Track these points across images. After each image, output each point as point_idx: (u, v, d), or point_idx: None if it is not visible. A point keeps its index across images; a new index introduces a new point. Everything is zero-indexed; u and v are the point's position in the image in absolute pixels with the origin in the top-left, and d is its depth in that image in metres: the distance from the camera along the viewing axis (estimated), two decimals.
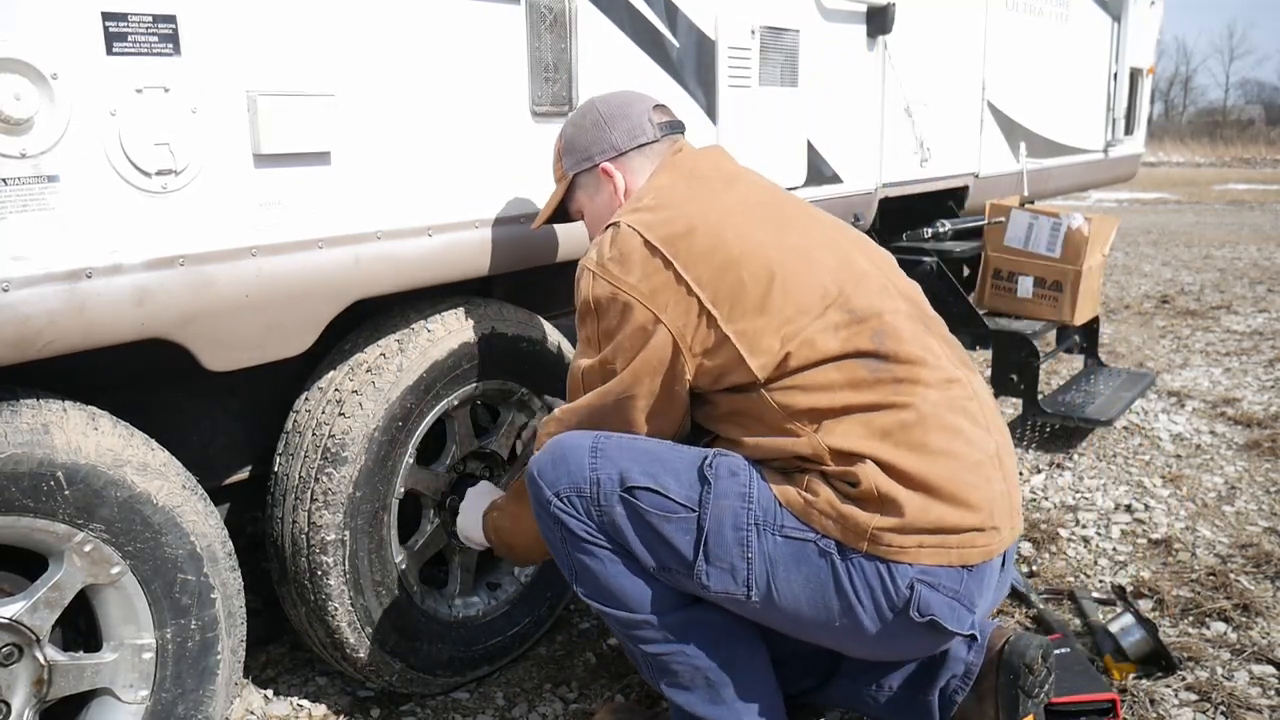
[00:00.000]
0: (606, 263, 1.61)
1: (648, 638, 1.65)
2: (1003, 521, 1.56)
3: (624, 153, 1.81)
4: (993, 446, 1.60)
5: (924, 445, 1.51)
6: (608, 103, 1.85)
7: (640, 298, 1.58)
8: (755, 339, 1.54)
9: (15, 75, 1.34)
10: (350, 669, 2.03)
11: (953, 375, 1.60)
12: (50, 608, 1.56)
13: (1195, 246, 9.28)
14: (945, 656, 1.76)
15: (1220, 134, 33.43)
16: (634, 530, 1.58)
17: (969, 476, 1.53)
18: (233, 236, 1.61)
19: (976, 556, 1.53)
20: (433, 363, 1.97)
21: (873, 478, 1.49)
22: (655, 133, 1.82)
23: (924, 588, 1.51)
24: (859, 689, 1.85)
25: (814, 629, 1.59)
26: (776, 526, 1.54)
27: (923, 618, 1.51)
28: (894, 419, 1.52)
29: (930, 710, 1.77)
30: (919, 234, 3.75)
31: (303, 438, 1.90)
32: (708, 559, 1.55)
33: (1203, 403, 4.19)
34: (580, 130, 1.85)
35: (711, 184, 1.72)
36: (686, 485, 1.57)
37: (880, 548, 1.50)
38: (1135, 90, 4.99)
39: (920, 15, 3.28)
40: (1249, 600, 2.46)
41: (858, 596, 1.52)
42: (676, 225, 1.60)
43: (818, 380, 1.53)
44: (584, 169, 1.84)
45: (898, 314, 1.59)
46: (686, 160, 1.78)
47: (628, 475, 1.58)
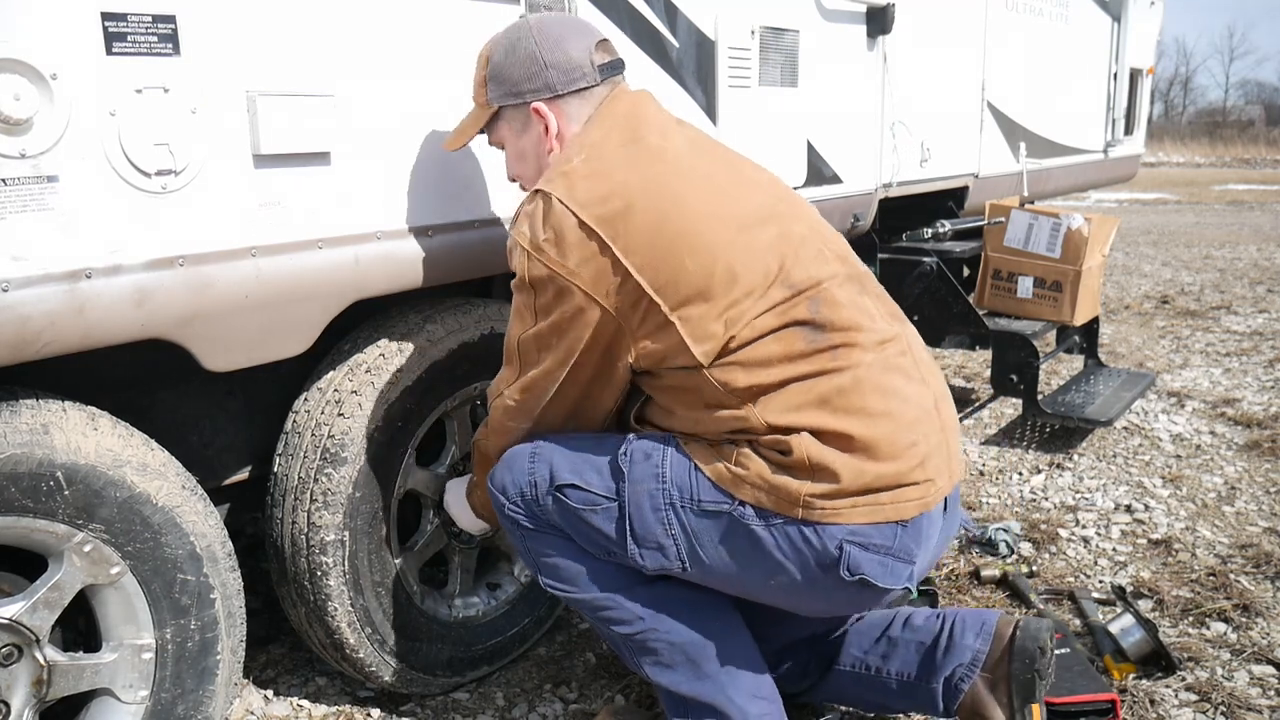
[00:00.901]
0: (542, 244, 1.55)
1: (617, 618, 1.70)
2: (938, 472, 1.58)
3: (560, 95, 1.68)
4: (930, 399, 1.62)
5: (860, 409, 1.53)
6: (546, 33, 1.69)
7: (580, 283, 1.55)
8: (699, 324, 1.53)
9: (15, 75, 1.34)
10: (350, 669, 2.03)
11: (886, 334, 1.61)
12: (50, 608, 1.56)
13: (1195, 246, 9.28)
14: (951, 644, 1.77)
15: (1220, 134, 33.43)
16: (568, 524, 1.67)
17: (906, 435, 1.55)
18: (232, 237, 1.61)
19: (912, 510, 1.55)
20: (432, 363, 1.97)
21: (805, 447, 1.51)
22: (595, 75, 1.69)
23: (853, 547, 1.53)
24: (860, 679, 1.86)
25: (755, 589, 1.64)
26: (694, 502, 1.59)
27: (853, 577, 1.54)
28: (830, 385, 1.53)
29: (935, 699, 1.78)
30: (919, 234, 3.75)
31: (302, 438, 1.90)
32: (637, 542, 1.62)
33: (1203, 403, 4.19)
34: (513, 59, 1.69)
35: (648, 139, 1.63)
36: (606, 477, 1.64)
37: (813, 512, 1.52)
38: (1135, 90, 4.99)
39: (920, 15, 3.28)
40: (1249, 600, 2.46)
41: (785, 557, 1.56)
42: (614, 202, 1.54)
43: (757, 356, 1.53)
44: (511, 103, 1.72)
45: (834, 279, 1.60)
46: (622, 108, 1.68)
47: (557, 474, 1.66)
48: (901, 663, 1.82)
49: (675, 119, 1.74)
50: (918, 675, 1.80)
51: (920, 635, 1.82)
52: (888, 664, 1.83)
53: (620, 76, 1.74)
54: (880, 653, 1.84)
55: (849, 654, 1.87)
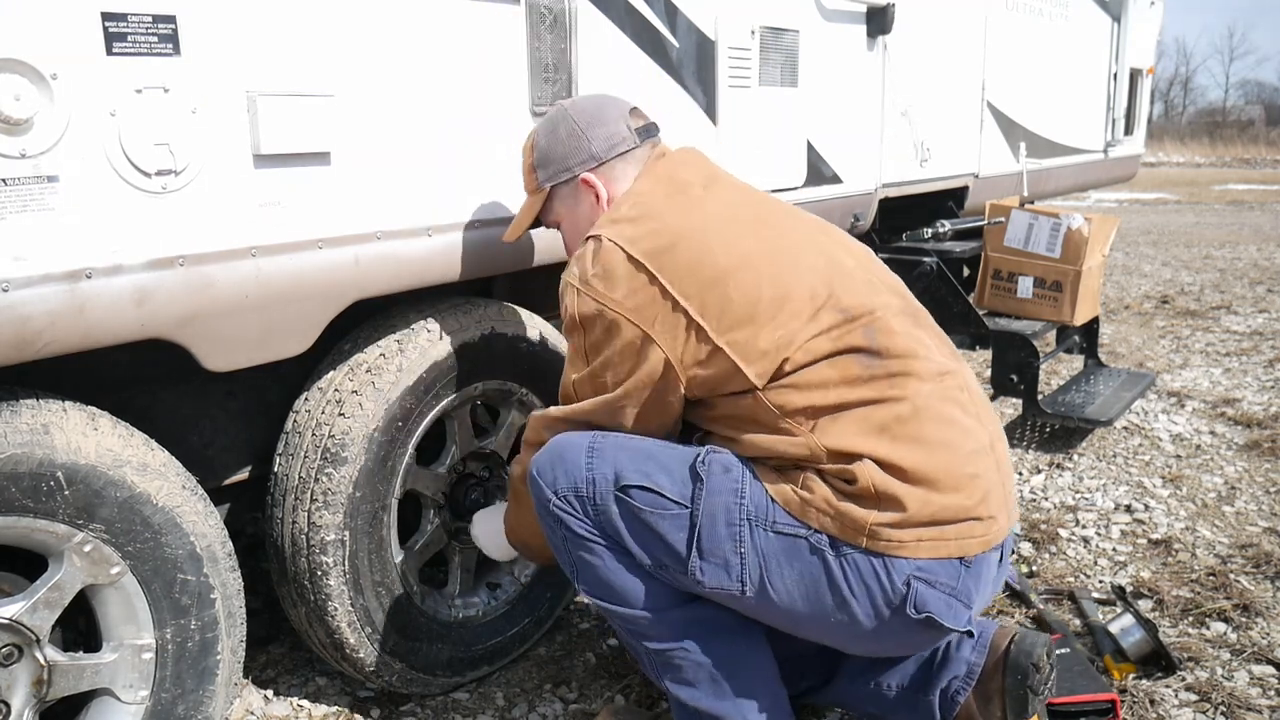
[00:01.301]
0: (591, 279, 1.59)
1: (649, 634, 1.66)
2: (999, 511, 1.57)
3: (604, 162, 1.75)
4: (986, 437, 1.60)
5: (920, 438, 1.52)
6: (581, 110, 1.79)
7: (627, 314, 1.56)
8: (748, 347, 1.53)
9: (15, 75, 1.34)
10: (350, 669, 2.03)
11: (945, 367, 1.61)
12: (50, 608, 1.56)
13: (1195, 246, 9.28)
14: (947, 657, 1.76)
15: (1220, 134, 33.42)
16: (629, 528, 1.60)
17: (966, 467, 1.53)
18: (232, 237, 1.61)
19: (976, 547, 1.53)
20: (432, 363, 1.97)
21: (870, 475, 1.49)
22: (635, 139, 1.77)
23: (920, 584, 1.51)
24: (860, 689, 1.85)
25: (809, 624, 1.60)
26: (769, 522, 1.55)
27: (919, 614, 1.52)
28: (889, 413, 1.52)
29: (932, 711, 1.77)
30: (919, 234, 3.75)
31: (302, 438, 1.90)
32: (701, 554, 1.56)
33: (1203, 403, 4.19)
34: (555, 140, 1.78)
35: (691, 189, 1.68)
36: (680, 482, 1.58)
37: (879, 543, 1.50)
38: (1135, 90, 4.99)
39: (920, 15, 3.28)
40: (1249, 600, 2.46)
41: (852, 592, 1.53)
42: (660, 239, 1.58)
43: (812, 379, 1.53)
44: (562, 180, 1.78)
45: (888, 309, 1.60)
46: (665, 165, 1.74)
47: (622, 474, 1.59)
48: (900, 674, 1.81)
49: (722, 171, 1.78)
50: (915, 687, 1.79)
51: None
52: (887, 676, 1.82)
53: (658, 137, 1.81)
54: (881, 663, 1.83)
55: (848, 664, 1.86)
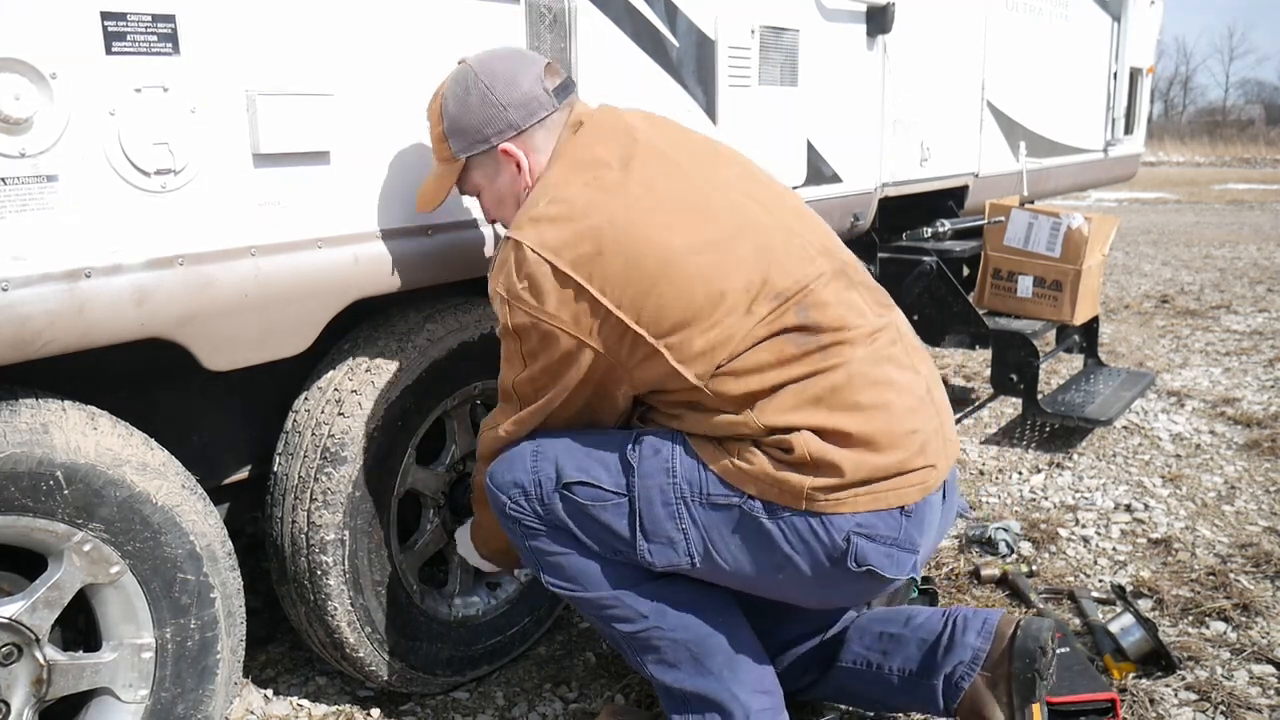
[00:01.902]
0: (520, 293, 1.56)
1: (620, 616, 1.69)
2: (937, 457, 1.61)
3: (523, 130, 1.68)
4: (922, 386, 1.64)
5: (856, 404, 1.54)
6: (492, 72, 1.68)
7: (563, 326, 1.55)
8: (685, 349, 1.54)
9: (15, 75, 1.34)
10: (350, 669, 2.03)
11: (876, 325, 1.62)
12: (50, 607, 1.56)
13: (1195, 246, 9.28)
14: (952, 642, 1.77)
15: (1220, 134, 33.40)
16: (575, 522, 1.66)
17: (903, 424, 1.57)
18: (232, 236, 1.61)
19: (915, 495, 1.57)
20: (432, 363, 1.97)
21: (805, 444, 1.52)
22: (553, 101, 1.69)
23: (860, 539, 1.55)
24: (862, 676, 1.86)
25: (761, 585, 1.65)
26: (703, 495, 1.60)
27: (860, 568, 1.55)
28: (824, 384, 1.54)
29: (935, 696, 1.78)
30: (919, 234, 3.75)
31: (302, 437, 1.90)
32: (647, 537, 1.62)
33: (1202, 402, 4.19)
34: (466, 108, 1.68)
35: (609, 174, 1.60)
36: (614, 472, 1.63)
37: (817, 504, 1.54)
38: (1135, 90, 4.98)
39: (920, 15, 3.28)
40: (1249, 600, 2.46)
41: (795, 550, 1.57)
42: (584, 244, 1.53)
43: (748, 364, 1.54)
44: (478, 151, 1.71)
45: (820, 278, 1.59)
46: (580, 143, 1.65)
47: (563, 471, 1.65)
48: (903, 659, 1.82)
49: (641, 126, 1.70)
50: (919, 672, 1.81)
51: (922, 632, 1.82)
52: (889, 660, 1.84)
53: (574, 95, 1.76)
54: (881, 649, 1.85)
55: (850, 650, 1.87)
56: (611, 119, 1.70)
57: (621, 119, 1.71)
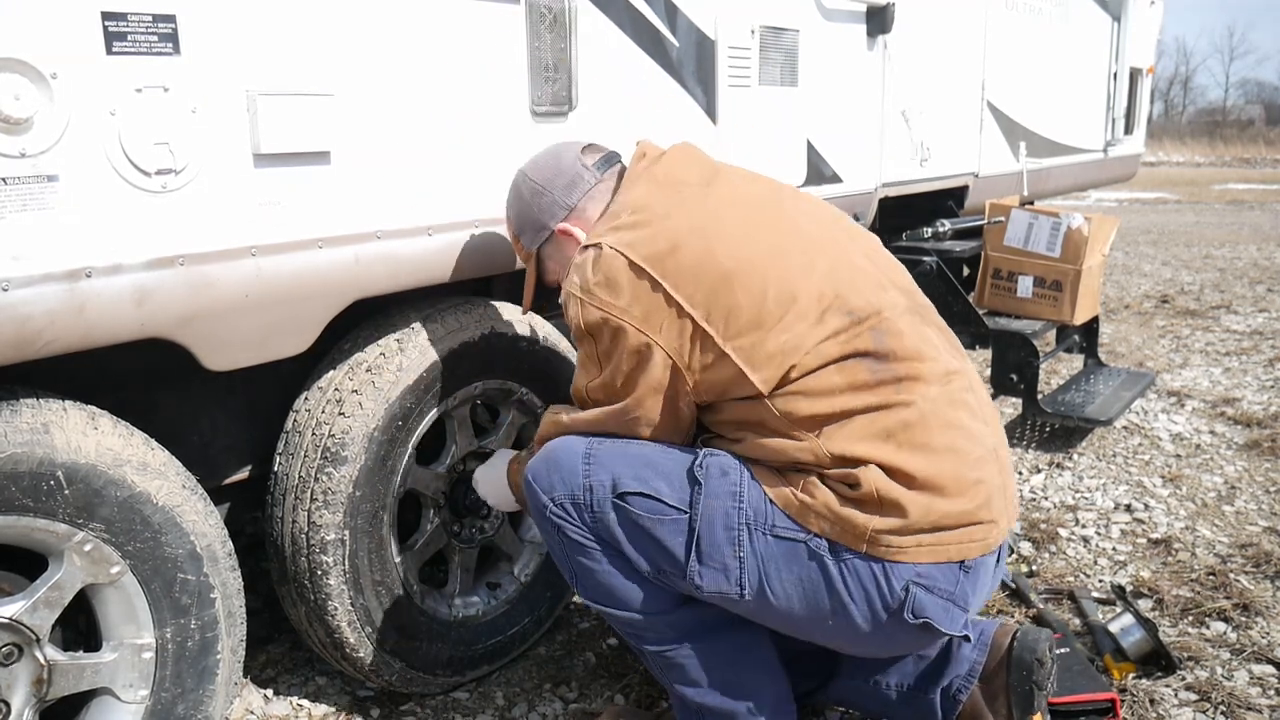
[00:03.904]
0: (593, 288, 1.57)
1: (650, 637, 1.66)
2: (1000, 515, 1.57)
3: (574, 208, 1.75)
4: (991, 440, 1.60)
5: (926, 445, 1.51)
6: (536, 167, 1.80)
7: (633, 322, 1.55)
8: (754, 352, 1.52)
9: (15, 75, 1.34)
10: (350, 669, 2.03)
11: (951, 367, 1.60)
12: (50, 607, 1.56)
13: (1195, 246, 9.28)
14: (949, 655, 1.77)
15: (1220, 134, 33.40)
16: (627, 535, 1.60)
17: (971, 473, 1.53)
18: (232, 236, 1.61)
19: (975, 551, 1.53)
20: (432, 362, 1.97)
21: (874, 481, 1.48)
22: (594, 174, 1.76)
23: (919, 589, 1.51)
24: (861, 688, 1.86)
25: (807, 626, 1.60)
26: (768, 526, 1.55)
27: (916, 620, 1.52)
28: (896, 419, 1.51)
29: (934, 709, 1.78)
30: (919, 234, 3.75)
31: (302, 437, 1.90)
32: (700, 559, 1.56)
33: (1202, 402, 4.19)
34: (523, 205, 1.79)
35: (690, 190, 1.65)
36: (678, 488, 1.58)
37: (879, 549, 1.50)
38: (1135, 90, 4.99)
39: (920, 15, 3.28)
40: (1249, 600, 2.46)
41: (851, 597, 1.53)
42: (660, 242, 1.55)
43: (819, 385, 1.51)
44: (543, 240, 1.79)
45: (895, 308, 1.58)
46: (661, 168, 1.70)
47: (620, 481, 1.59)
48: (900, 674, 1.81)
49: (724, 165, 1.75)
50: (916, 686, 1.80)
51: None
52: (887, 675, 1.83)
53: (619, 165, 1.79)
54: (880, 663, 1.83)
55: (848, 665, 1.87)
56: (692, 151, 1.75)
57: (699, 151, 1.76)
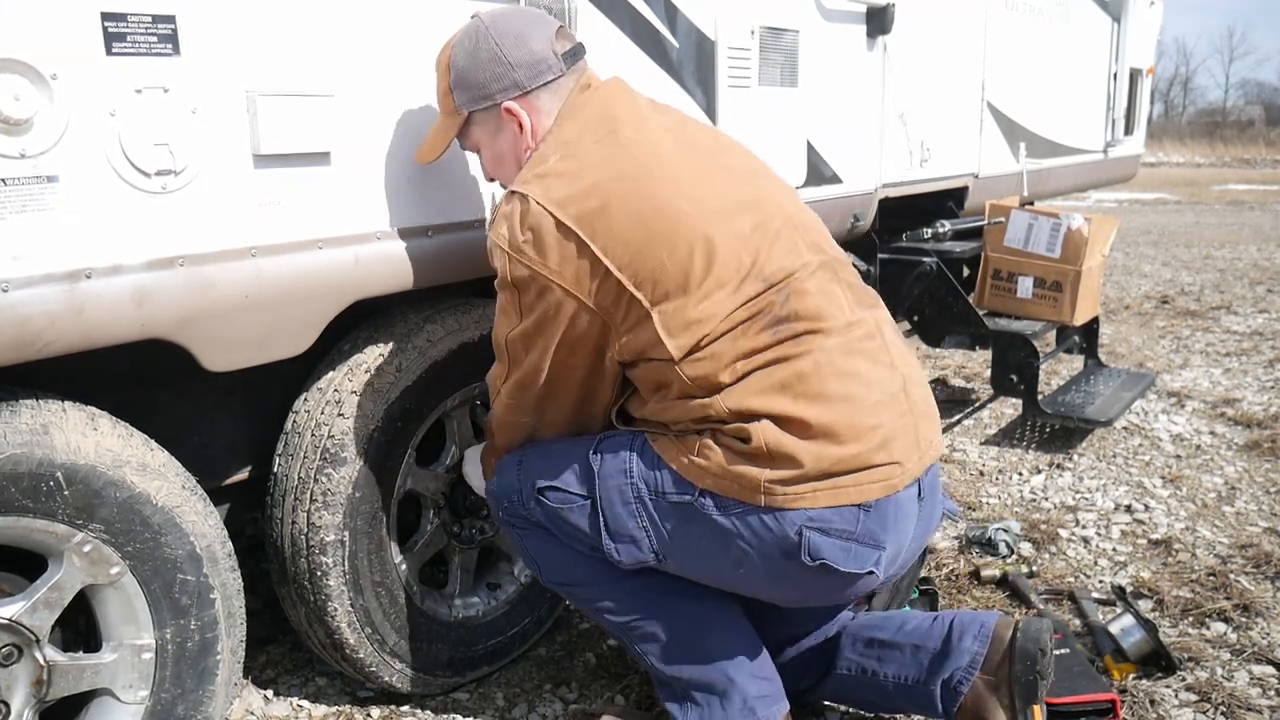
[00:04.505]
0: (522, 245, 1.56)
1: (614, 608, 1.74)
2: (905, 455, 1.58)
3: (529, 91, 1.68)
4: (898, 382, 1.62)
5: (821, 394, 1.54)
6: (502, 29, 1.68)
7: (562, 283, 1.56)
8: (674, 318, 1.54)
9: (15, 75, 1.34)
10: (350, 669, 2.03)
11: (852, 318, 1.62)
12: (50, 608, 1.56)
13: (1195, 247, 9.28)
14: (949, 647, 1.77)
15: (1220, 134, 33.40)
16: (554, 524, 1.72)
17: (867, 418, 1.56)
18: (232, 237, 1.61)
19: (877, 492, 1.56)
20: (432, 363, 1.97)
21: (763, 435, 1.52)
22: (561, 65, 1.68)
23: (813, 533, 1.54)
24: (859, 681, 1.86)
25: (728, 579, 1.67)
26: (659, 494, 1.63)
27: (814, 561, 1.55)
28: (790, 371, 1.55)
29: (933, 700, 1.78)
30: (919, 234, 3.75)
31: (302, 438, 1.90)
32: (612, 537, 1.67)
33: (1202, 403, 4.19)
34: (475, 63, 1.68)
35: (622, 131, 1.62)
36: (579, 475, 1.69)
37: (775, 498, 1.54)
38: (1135, 90, 4.98)
39: (920, 15, 3.28)
40: (1249, 600, 2.46)
41: (748, 545, 1.58)
42: (590, 201, 1.54)
43: (723, 350, 1.55)
44: (482, 107, 1.71)
45: (805, 268, 1.61)
46: (594, 103, 1.67)
47: (538, 479, 1.72)
48: (898, 666, 1.82)
49: (651, 105, 1.73)
50: (915, 678, 1.80)
51: (916, 638, 1.82)
52: (883, 667, 1.83)
53: (583, 61, 1.74)
54: (876, 656, 1.84)
55: (845, 657, 1.87)
56: (621, 85, 1.74)
57: (632, 89, 1.74)
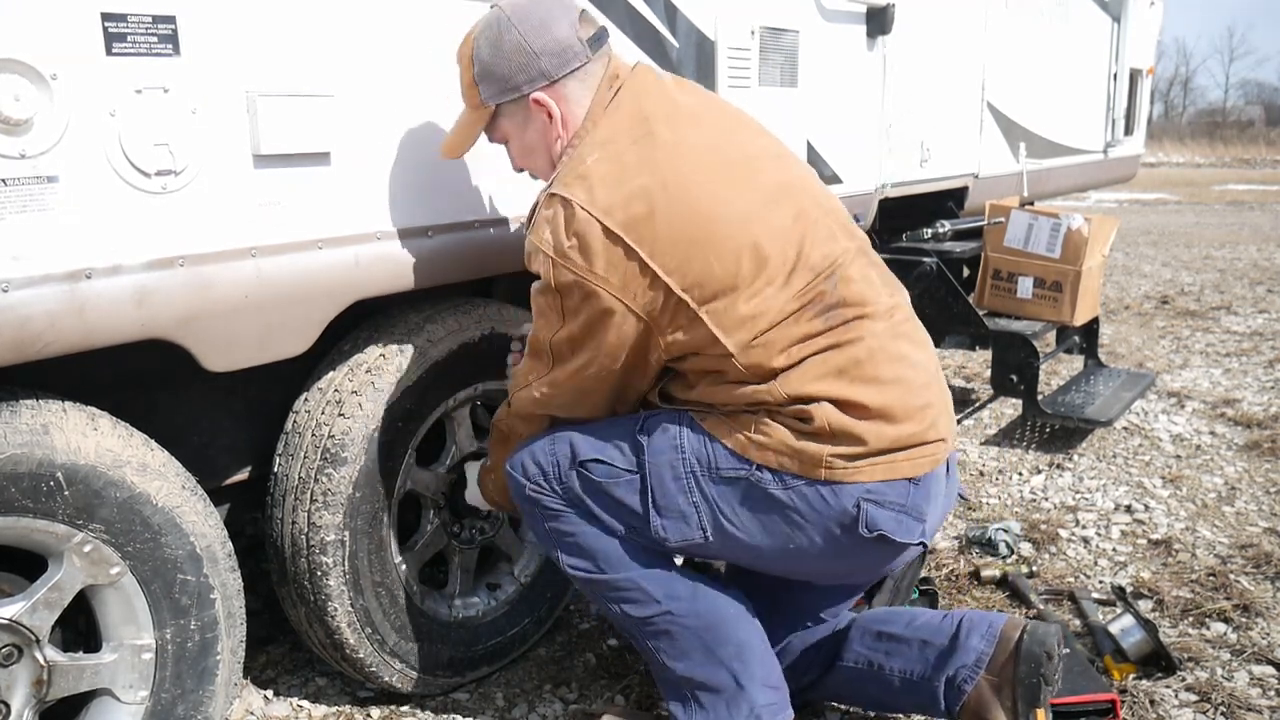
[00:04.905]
0: (567, 251, 1.55)
1: (635, 599, 1.72)
2: (946, 430, 1.67)
3: (555, 80, 1.65)
4: (932, 365, 1.70)
5: (876, 378, 1.59)
6: (525, 17, 1.64)
7: (609, 289, 1.56)
8: (725, 316, 1.57)
9: (15, 75, 1.34)
10: (350, 669, 2.03)
11: (890, 302, 1.68)
12: (50, 608, 1.56)
13: (1195, 247, 9.28)
14: (955, 645, 1.78)
15: (1220, 134, 33.40)
16: (593, 499, 1.69)
17: (918, 398, 1.63)
18: (232, 237, 1.61)
19: (925, 466, 1.62)
20: (432, 363, 1.97)
21: (825, 416, 1.57)
22: (587, 52, 1.66)
23: (870, 504, 1.58)
24: (864, 674, 1.86)
25: (775, 557, 1.67)
26: (713, 469, 1.63)
27: (871, 533, 1.59)
28: (846, 357, 1.59)
29: (937, 698, 1.78)
30: (919, 234, 3.75)
31: (302, 438, 1.90)
32: (660, 512, 1.65)
33: (1202, 403, 4.19)
34: (500, 55, 1.65)
35: (657, 131, 1.61)
36: (626, 452, 1.68)
37: (836, 472, 1.57)
38: (1135, 91, 4.98)
39: (920, 16, 3.28)
40: (1249, 600, 2.46)
41: (804, 519, 1.60)
42: (636, 207, 1.54)
43: (779, 338, 1.58)
44: (509, 99, 1.68)
45: (846, 254, 1.64)
46: (626, 101, 1.65)
47: (578, 450, 1.70)
48: (904, 660, 1.83)
49: (677, 85, 1.74)
50: (920, 674, 1.81)
51: (924, 634, 1.82)
52: (890, 661, 1.84)
53: (607, 46, 1.73)
54: (883, 649, 1.85)
55: (852, 650, 1.87)
56: (649, 76, 1.72)
57: (658, 77, 1.73)
